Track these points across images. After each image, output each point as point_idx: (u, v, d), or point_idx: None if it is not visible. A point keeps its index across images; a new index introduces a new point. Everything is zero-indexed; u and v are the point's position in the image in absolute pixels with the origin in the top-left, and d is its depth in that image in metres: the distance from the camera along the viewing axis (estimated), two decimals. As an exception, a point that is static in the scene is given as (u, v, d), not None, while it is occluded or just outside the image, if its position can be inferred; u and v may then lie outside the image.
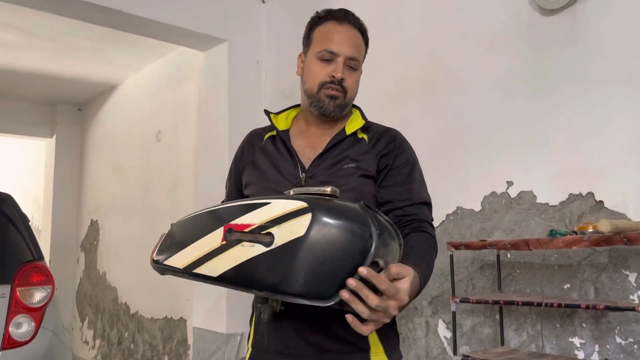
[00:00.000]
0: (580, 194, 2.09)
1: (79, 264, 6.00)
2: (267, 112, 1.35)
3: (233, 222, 0.95)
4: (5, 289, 2.38)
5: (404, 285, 0.92)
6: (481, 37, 2.46)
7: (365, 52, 1.32)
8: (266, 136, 1.34)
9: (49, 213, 6.03)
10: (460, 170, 2.46)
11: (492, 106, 2.40)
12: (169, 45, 4.06)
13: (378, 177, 1.23)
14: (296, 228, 0.87)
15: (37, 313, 2.44)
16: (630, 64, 1.99)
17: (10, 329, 2.34)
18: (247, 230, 0.92)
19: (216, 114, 3.51)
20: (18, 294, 2.40)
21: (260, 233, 0.90)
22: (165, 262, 1.06)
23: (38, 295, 2.46)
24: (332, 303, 0.87)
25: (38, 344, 2.41)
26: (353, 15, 1.29)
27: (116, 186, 5.37)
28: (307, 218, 0.87)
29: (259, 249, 0.89)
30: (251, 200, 0.98)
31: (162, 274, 1.11)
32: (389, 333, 1.19)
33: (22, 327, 2.38)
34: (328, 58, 1.23)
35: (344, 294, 0.85)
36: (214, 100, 3.55)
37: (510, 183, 2.31)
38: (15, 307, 2.38)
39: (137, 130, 5.08)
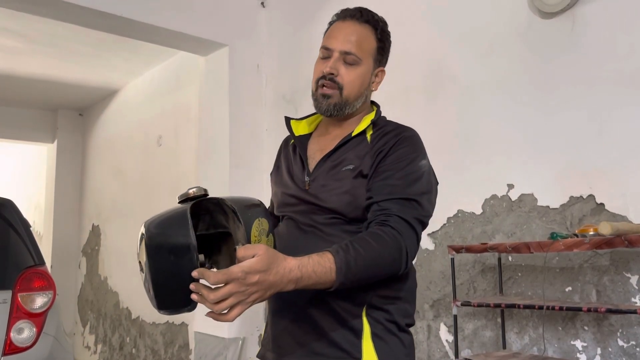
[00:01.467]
0: (581, 196, 2.09)
1: (81, 269, 6.00)
2: (287, 119, 1.33)
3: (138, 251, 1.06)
4: (7, 295, 2.38)
5: (244, 263, 0.90)
6: (481, 41, 2.47)
7: (381, 50, 1.25)
8: (291, 142, 1.34)
9: (50, 218, 6.03)
10: (461, 174, 2.46)
11: (492, 109, 2.40)
12: (169, 50, 4.07)
13: (369, 174, 1.15)
14: (143, 254, 0.98)
15: (38, 318, 2.44)
16: (629, 66, 1.99)
17: (12, 334, 2.34)
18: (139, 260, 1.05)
19: (217, 118, 3.52)
20: (19, 299, 2.39)
21: (139, 261, 1.03)
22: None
23: (39, 301, 2.46)
24: (195, 308, 0.96)
25: (39, 350, 2.40)
26: (363, 11, 1.24)
27: (117, 191, 5.38)
28: (143, 245, 0.97)
29: (141, 276, 1.02)
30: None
31: None
32: (390, 344, 1.11)
33: (24, 332, 2.38)
34: (326, 55, 1.22)
35: (194, 297, 0.93)
36: (214, 104, 3.56)
37: (511, 186, 2.31)
38: (17, 312, 2.38)
39: (138, 135, 5.09)
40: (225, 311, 0.93)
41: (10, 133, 6.05)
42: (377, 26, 1.24)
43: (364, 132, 1.22)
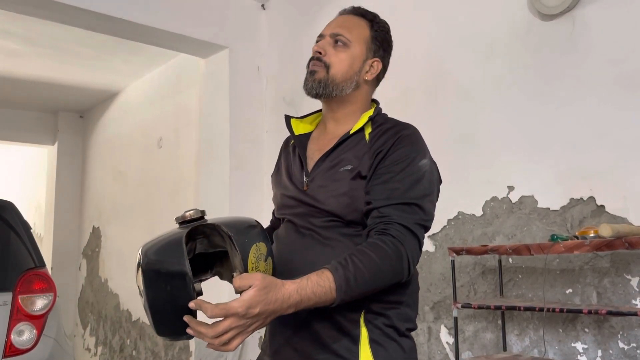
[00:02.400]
0: (582, 198, 2.09)
1: (81, 271, 6.00)
2: (287, 117, 1.32)
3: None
4: (7, 297, 2.38)
5: (243, 296, 0.89)
6: (481, 43, 2.47)
7: (376, 37, 1.24)
8: (291, 142, 1.33)
9: (50, 220, 6.03)
10: (461, 176, 2.46)
11: (492, 111, 2.40)
12: (170, 52, 4.08)
13: (368, 175, 1.12)
14: (140, 281, 0.97)
15: (38, 320, 2.43)
16: (629, 68, 2.00)
17: (12, 336, 2.33)
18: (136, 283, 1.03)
19: (217, 120, 3.52)
20: (20, 301, 2.39)
21: (137, 286, 1.01)
22: None
23: (40, 303, 2.46)
24: (192, 336, 0.95)
25: (40, 352, 2.40)
26: (357, 7, 1.28)
27: (118, 193, 5.38)
28: (140, 272, 0.96)
29: (142, 300, 1.00)
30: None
31: None
32: (388, 349, 1.09)
33: (24, 334, 2.37)
34: (318, 41, 1.24)
35: (190, 331, 0.93)
36: (214, 106, 3.56)
37: (511, 188, 2.31)
38: (17, 314, 2.37)
39: (139, 137, 5.09)
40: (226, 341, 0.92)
41: (11, 135, 6.05)
42: (371, 18, 1.26)
43: (362, 130, 1.20)
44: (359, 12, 1.27)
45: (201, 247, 1.11)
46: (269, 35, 3.69)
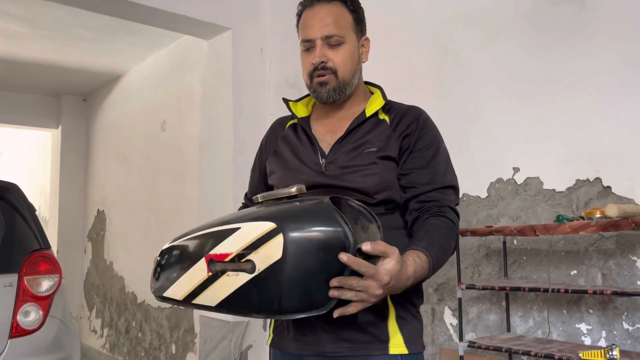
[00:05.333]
0: (588, 179, 2.07)
1: (86, 253, 6.04)
2: (285, 100, 1.33)
3: (212, 252, 0.96)
4: (13, 278, 2.40)
5: (386, 266, 0.91)
6: (487, 23, 2.44)
7: (357, 21, 1.24)
8: (288, 124, 1.33)
9: (55, 203, 6.06)
10: (466, 157, 2.45)
11: (498, 92, 2.38)
12: (173, 34, 4.05)
13: (400, 159, 1.18)
14: (273, 252, 0.89)
15: (44, 301, 2.45)
16: (637, 49, 1.97)
17: (18, 317, 2.35)
18: (227, 259, 0.94)
19: (220, 102, 3.50)
20: (25, 282, 2.41)
21: (241, 261, 0.92)
22: (164, 295, 1.09)
23: (45, 284, 2.48)
24: (328, 308, 0.90)
25: (46, 332, 2.42)
26: None
27: (122, 176, 5.39)
28: (279, 239, 0.89)
29: (244, 277, 0.91)
30: (221, 226, 0.98)
31: (168, 303, 1.12)
32: (410, 323, 1.15)
33: (30, 315, 2.39)
34: (308, 47, 1.22)
35: (333, 293, 0.89)
36: (218, 89, 3.54)
37: (516, 169, 2.30)
38: (23, 295, 2.39)
39: (142, 120, 5.08)
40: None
41: (14, 119, 6.06)
42: (345, 0, 1.23)
43: (376, 113, 1.22)
44: None
45: None
46: (272, 16, 3.66)
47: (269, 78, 3.62)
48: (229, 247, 0.94)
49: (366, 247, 0.90)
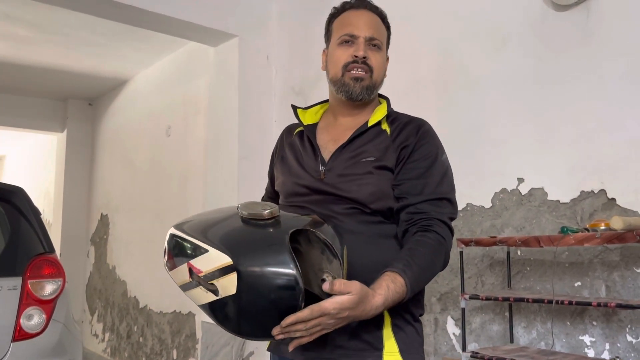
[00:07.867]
0: (592, 191, 2.07)
1: (89, 257, 6.05)
2: (294, 107, 1.35)
3: (192, 262, 1.03)
4: (17, 281, 2.40)
5: (337, 299, 0.93)
6: (494, 34, 2.45)
7: (388, 38, 1.31)
8: (296, 131, 1.35)
9: (59, 207, 6.07)
10: (471, 167, 2.45)
11: (504, 103, 2.38)
12: (179, 40, 4.07)
13: (395, 169, 1.18)
14: (228, 286, 0.95)
15: (48, 305, 2.46)
16: (644, 60, 1.97)
17: (22, 320, 2.36)
18: (201, 275, 1.00)
19: (226, 109, 3.51)
20: (29, 286, 2.41)
21: (209, 282, 0.99)
22: (169, 274, 1.15)
23: (49, 288, 2.48)
24: (285, 337, 0.97)
25: (49, 336, 2.43)
26: (370, 2, 1.30)
27: (126, 181, 5.40)
28: (233, 277, 0.94)
29: (211, 296, 0.99)
30: (197, 241, 1.03)
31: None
32: (408, 333, 1.15)
33: (33, 319, 2.40)
34: (348, 40, 1.24)
35: (279, 336, 0.95)
36: (224, 95, 3.56)
37: (521, 180, 2.30)
38: (27, 299, 2.40)
39: (148, 125, 5.10)
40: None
41: (21, 122, 6.09)
42: (385, 17, 1.30)
43: (379, 124, 1.24)
44: (374, 9, 1.29)
45: None
46: (279, 24, 3.68)
47: (274, 85, 3.63)
48: (202, 265, 1.00)
49: (325, 287, 0.94)
